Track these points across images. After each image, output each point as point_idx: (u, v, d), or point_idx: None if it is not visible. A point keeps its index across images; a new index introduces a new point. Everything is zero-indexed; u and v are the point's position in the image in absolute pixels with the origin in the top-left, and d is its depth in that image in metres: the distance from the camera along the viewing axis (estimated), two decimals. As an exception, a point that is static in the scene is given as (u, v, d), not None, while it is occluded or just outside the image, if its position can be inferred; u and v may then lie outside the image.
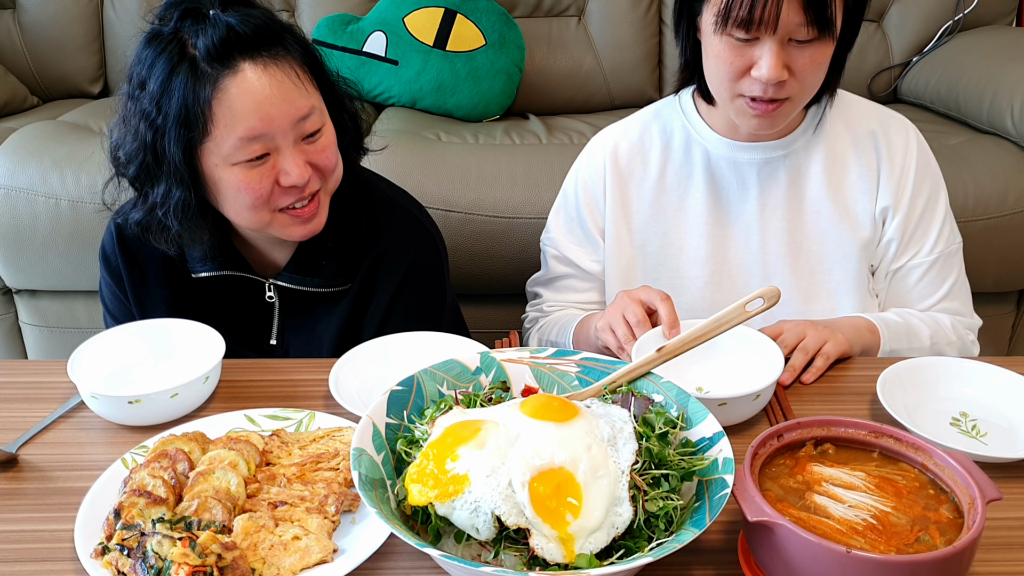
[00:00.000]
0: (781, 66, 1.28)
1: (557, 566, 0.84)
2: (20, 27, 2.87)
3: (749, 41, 1.29)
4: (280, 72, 1.23)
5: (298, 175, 1.25)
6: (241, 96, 1.20)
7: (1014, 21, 2.94)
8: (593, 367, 1.09)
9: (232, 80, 1.20)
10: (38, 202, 2.23)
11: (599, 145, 1.58)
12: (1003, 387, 1.21)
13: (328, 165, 1.31)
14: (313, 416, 1.17)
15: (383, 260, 1.44)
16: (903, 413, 1.14)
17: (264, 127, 1.22)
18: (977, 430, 1.16)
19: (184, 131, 1.21)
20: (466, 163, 2.28)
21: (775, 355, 1.21)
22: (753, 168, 1.48)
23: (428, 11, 2.68)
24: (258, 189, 1.25)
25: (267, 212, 1.29)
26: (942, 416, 1.19)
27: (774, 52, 1.27)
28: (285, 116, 1.23)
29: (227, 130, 1.21)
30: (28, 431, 1.17)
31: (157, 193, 1.27)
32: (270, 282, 1.43)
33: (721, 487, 0.88)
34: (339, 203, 1.41)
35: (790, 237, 1.50)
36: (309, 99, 1.27)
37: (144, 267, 1.43)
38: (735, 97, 1.36)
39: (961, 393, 1.22)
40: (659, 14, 2.88)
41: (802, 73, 1.30)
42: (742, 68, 1.31)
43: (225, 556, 0.89)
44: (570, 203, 1.60)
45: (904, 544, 0.84)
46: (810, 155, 1.48)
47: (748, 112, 1.36)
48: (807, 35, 1.27)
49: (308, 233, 1.34)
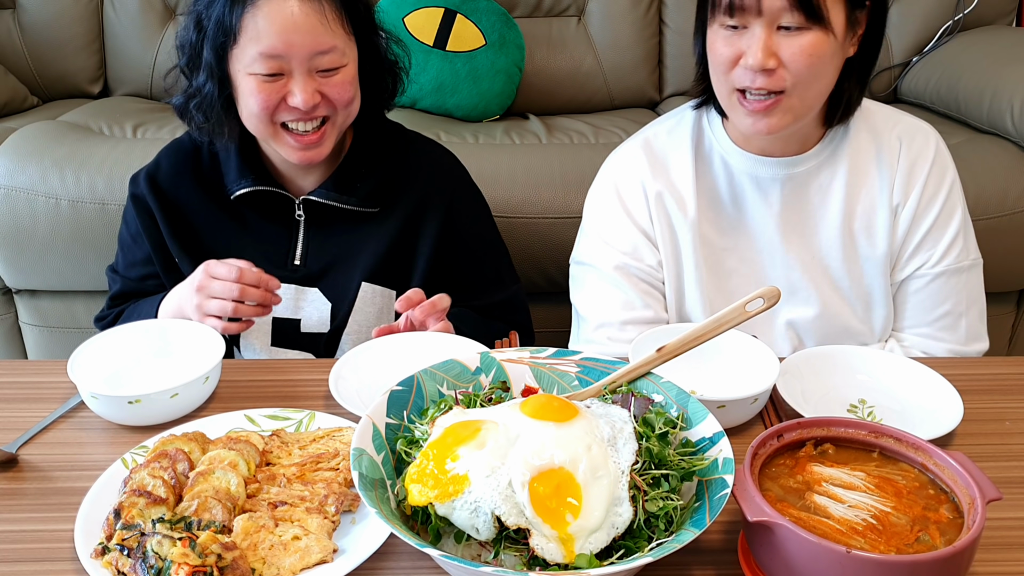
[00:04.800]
0: (768, 52, 1.28)
1: (557, 566, 0.84)
2: (20, 27, 2.86)
3: (738, 29, 1.30)
4: (312, 6, 1.36)
5: (303, 100, 1.38)
6: (270, 16, 1.35)
7: (1014, 21, 2.94)
8: (593, 367, 1.09)
9: (266, 1, 1.35)
10: (38, 202, 2.23)
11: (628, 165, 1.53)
12: (899, 373, 1.24)
13: (340, 99, 1.42)
14: (313, 416, 1.17)
15: (429, 190, 1.58)
16: (801, 401, 1.17)
17: (283, 49, 1.36)
18: (873, 416, 1.19)
19: (219, 35, 1.38)
20: (466, 163, 2.24)
21: (770, 359, 1.21)
22: (776, 184, 1.45)
23: (428, 11, 2.68)
24: (265, 100, 1.39)
25: (270, 124, 1.42)
26: (841, 403, 1.21)
27: (760, 38, 1.28)
28: (304, 46, 1.36)
29: (251, 43, 1.37)
30: (28, 431, 1.17)
31: (196, 84, 1.45)
32: (302, 198, 1.53)
33: (721, 487, 0.88)
34: (372, 134, 1.57)
35: (812, 253, 1.47)
36: (333, 38, 1.39)
37: (179, 198, 1.55)
38: (731, 93, 1.35)
39: (859, 380, 1.25)
40: (659, 14, 2.88)
41: (793, 63, 1.29)
42: (732, 58, 1.32)
43: (225, 556, 0.89)
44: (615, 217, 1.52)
45: (904, 544, 0.84)
46: (835, 168, 1.45)
47: (741, 110, 1.35)
48: (793, 21, 1.27)
49: (308, 159, 1.46)
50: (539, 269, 2.27)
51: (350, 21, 1.42)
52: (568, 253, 1.62)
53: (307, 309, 1.55)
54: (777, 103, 1.33)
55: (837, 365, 1.27)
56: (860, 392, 1.24)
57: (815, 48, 1.29)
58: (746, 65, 1.30)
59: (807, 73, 1.31)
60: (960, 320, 1.47)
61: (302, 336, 1.55)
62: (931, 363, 1.25)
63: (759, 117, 1.34)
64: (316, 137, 1.44)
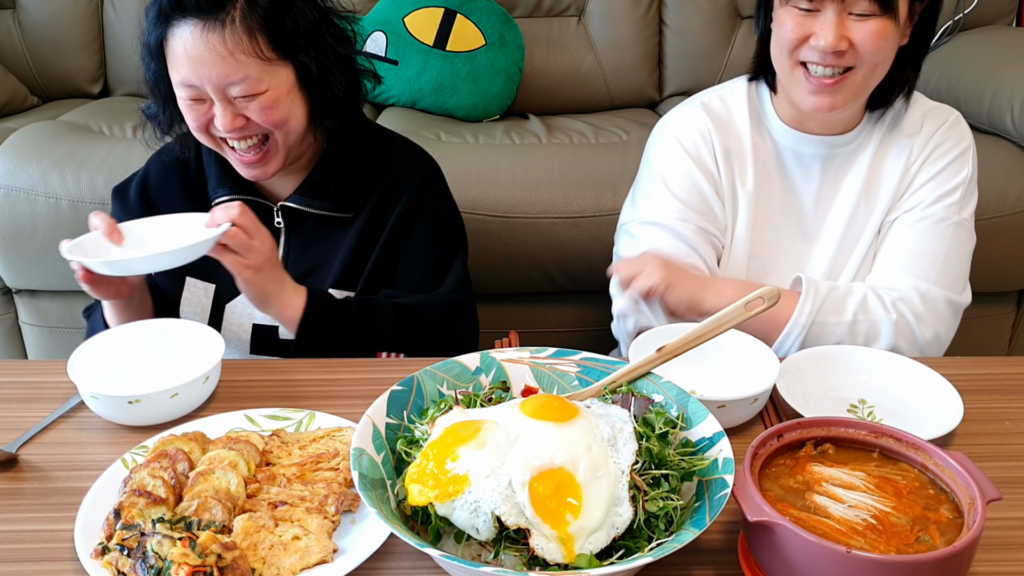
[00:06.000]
0: (840, 35, 1.34)
1: (557, 566, 0.84)
2: (20, 27, 2.87)
3: (811, 12, 1.36)
4: (215, 37, 1.34)
5: (223, 125, 1.39)
6: (178, 48, 1.36)
7: (1014, 21, 2.94)
8: (593, 367, 1.09)
9: (175, 32, 1.36)
10: (38, 202, 2.23)
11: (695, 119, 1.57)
12: (899, 373, 1.25)
13: (265, 122, 1.40)
14: (313, 416, 1.17)
15: (393, 186, 1.55)
16: (801, 401, 1.17)
17: (194, 79, 1.37)
18: (873, 416, 1.20)
19: (150, 58, 1.43)
20: (466, 163, 2.28)
21: (771, 359, 1.21)
22: (817, 161, 1.52)
23: (428, 11, 2.68)
24: (196, 120, 1.41)
25: (211, 139, 1.45)
26: (841, 403, 1.22)
27: (834, 23, 1.34)
28: (211, 78, 1.36)
29: (173, 69, 1.39)
30: (28, 431, 1.17)
31: (152, 100, 1.49)
32: (279, 205, 1.53)
33: (721, 487, 0.88)
34: (346, 139, 1.55)
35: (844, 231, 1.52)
36: (241, 69, 1.36)
37: (165, 206, 1.54)
38: (795, 67, 1.41)
39: (859, 380, 1.26)
40: (659, 14, 2.88)
41: (862, 45, 1.35)
42: (802, 36, 1.38)
43: (225, 556, 0.89)
44: (681, 170, 1.55)
45: (904, 544, 0.84)
46: (869, 148, 1.51)
47: (805, 86, 1.40)
48: (867, 9, 1.34)
49: (256, 176, 1.47)
50: (539, 269, 2.27)
51: (271, 45, 1.37)
52: (568, 253, 1.62)
53: None
54: (844, 80, 1.39)
55: (837, 365, 1.27)
56: (860, 392, 1.24)
57: (884, 31, 1.36)
58: (817, 46, 1.36)
59: (875, 56, 1.38)
60: (934, 266, 1.45)
61: (280, 343, 1.53)
62: (931, 363, 1.26)
63: (824, 94, 1.40)
64: (258, 157, 1.43)
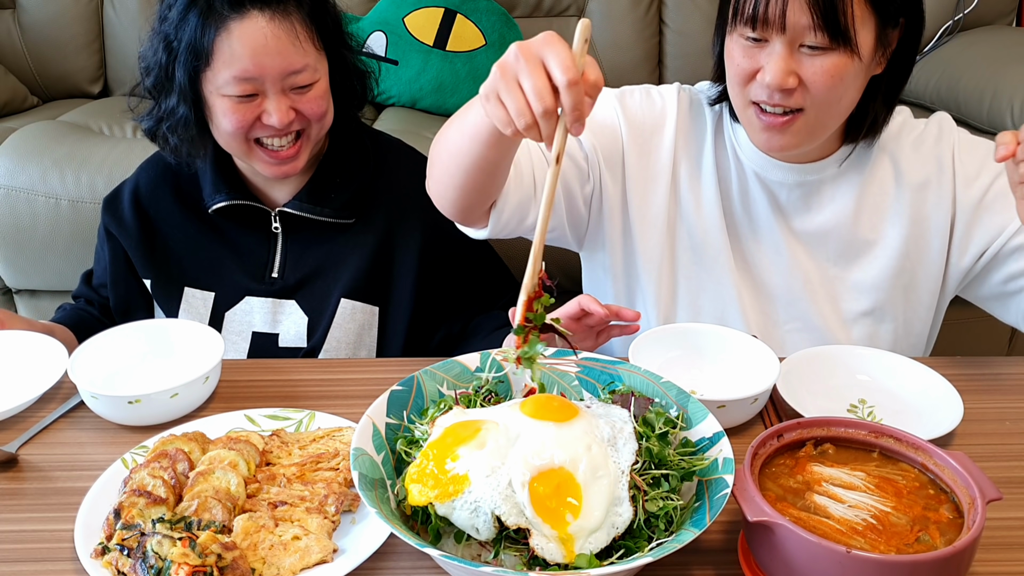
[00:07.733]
0: (787, 71, 1.21)
1: (557, 566, 0.84)
2: (20, 27, 2.87)
3: (759, 42, 1.23)
4: (282, 27, 1.36)
5: (278, 119, 1.38)
6: (242, 40, 1.34)
7: (1014, 21, 2.94)
8: (593, 367, 1.09)
9: (237, 24, 1.34)
10: (38, 202, 2.23)
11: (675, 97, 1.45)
12: (899, 374, 1.25)
13: (314, 113, 1.42)
14: (313, 416, 1.17)
15: (403, 197, 1.54)
16: (801, 402, 1.17)
17: (256, 72, 1.36)
18: (873, 416, 1.19)
19: (191, 58, 1.37)
20: (466, 163, 2.28)
21: (770, 359, 1.21)
22: (784, 189, 1.39)
23: (428, 11, 2.68)
24: (240, 120, 1.39)
25: (244, 142, 1.42)
26: (841, 403, 1.22)
27: (781, 56, 1.21)
28: (277, 67, 1.36)
29: (224, 66, 1.36)
30: (28, 431, 1.17)
31: (166, 106, 1.43)
32: (277, 210, 1.52)
33: (721, 487, 0.88)
34: (347, 143, 1.55)
35: (817, 263, 1.41)
36: (305, 57, 1.39)
37: (159, 214, 1.55)
38: (747, 106, 1.29)
39: (859, 380, 1.26)
40: (659, 14, 2.88)
41: (813, 84, 1.22)
42: (750, 71, 1.25)
43: (225, 556, 0.89)
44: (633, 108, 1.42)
45: (904, 544, 0.84)
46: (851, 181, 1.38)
47: (756, 124, 1.29)
48: (817, 40, 1.19)
49: (283, 173, 1.46)
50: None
51: (320, 36, 1.42)
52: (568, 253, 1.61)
53: (285, 323, 1.53)
54: (793, 121, 1.26)
55: (837, 365, 1.27)
56: (860, 392, 1.24)
57: (837, 70, 1.21)
58: (763, 82, 1.23)
59: (827, 95, 1.23)
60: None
61: (280, 351, 1.53)
62: (931, 363, 1.26)
63: (774, 133, 1.28)
64: (291, 152, 1.44)
